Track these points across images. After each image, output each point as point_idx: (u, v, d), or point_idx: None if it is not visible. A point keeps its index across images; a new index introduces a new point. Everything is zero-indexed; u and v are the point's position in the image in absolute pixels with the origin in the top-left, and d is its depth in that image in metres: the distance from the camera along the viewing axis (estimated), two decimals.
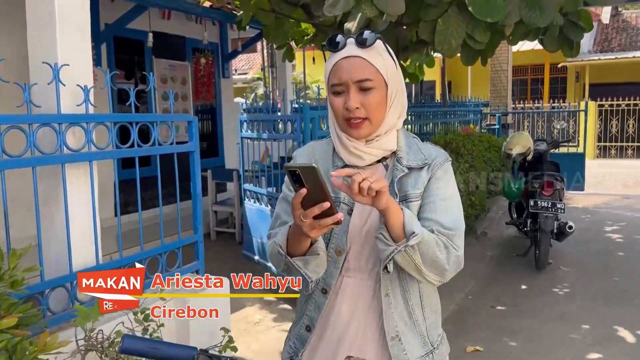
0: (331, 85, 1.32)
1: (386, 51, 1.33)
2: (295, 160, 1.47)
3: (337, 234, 1.36)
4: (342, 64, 1.30)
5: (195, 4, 5.63)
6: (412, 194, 1.33)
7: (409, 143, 1.40)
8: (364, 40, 1.28)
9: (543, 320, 4.13)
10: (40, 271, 2.24)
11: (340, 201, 1.36)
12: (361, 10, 3.45)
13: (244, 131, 4.94)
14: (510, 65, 12.33)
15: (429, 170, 1.35)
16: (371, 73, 1.28)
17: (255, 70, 19.56)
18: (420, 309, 1.38)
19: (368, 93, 1.29)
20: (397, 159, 1.36)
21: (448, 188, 1.36)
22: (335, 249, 1.36)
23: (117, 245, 2.73)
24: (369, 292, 1.35)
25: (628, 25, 19.55)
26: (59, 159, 2.29)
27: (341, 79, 1.29)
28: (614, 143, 15.69)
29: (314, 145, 1.48)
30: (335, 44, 1.31)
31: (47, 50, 2.43)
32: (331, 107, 1.35)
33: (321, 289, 1.38)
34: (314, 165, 1.10)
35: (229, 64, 8.52)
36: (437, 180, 1.35)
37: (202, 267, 3.10)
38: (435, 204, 1.33)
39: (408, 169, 1.34)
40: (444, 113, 7.72)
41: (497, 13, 3.74)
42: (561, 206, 5.18)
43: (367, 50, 1.29)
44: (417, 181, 1.34)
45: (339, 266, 1.36)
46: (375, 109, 1.30)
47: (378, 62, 1.30)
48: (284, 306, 4.38)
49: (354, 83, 1.28)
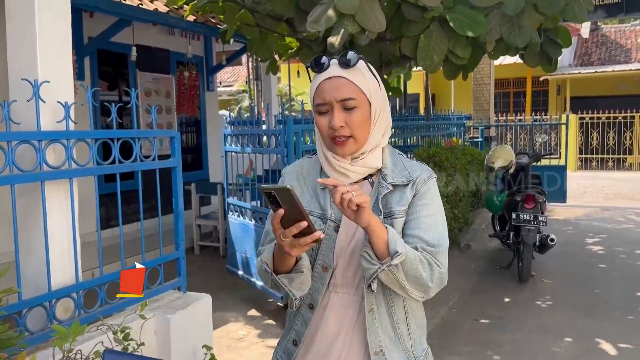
0: (316, 105, 1.35)
1: (369, 71, 1.36)
2: (283, 177, 1.50)
3: (324, 251, 1.37)
4: (325, 85, 1.33)
5: (179, 18, 5.63)
6: (397, 211, 1.35)
7: (395, 160, 1.42)
8: (347, 60, 1.32)
9: (526, 332, 4.15)
10: (18, 291, 2.20)
11: (327, 218, 1.38)
12: (343, 26, 3.49)
13: (228, 145, 4.94)
14: (492, 79, 12.50)
15: (413, 186, 1.37)
16: (354, 92, 1.32)
17: (240, 83, 19.57)
18: (405, 324, 1.39)
19: (352, 112, 1.32)
20: (382, 176, 1.38)
21: (432, 205, 1.38)
22: (322, 265, 1.38)
23: (97, 261, 2.70)
24: (356, 308, 1.37)
25: (607, 40, 19.96)
26: (38, 176, 2.27)
27: (325, 98, 1.32)
28: (595, 155, 15.95)
29: (302, 162, 1.50)
30: (320, 65, 1.35)
31: (27, 66, 2.41)
32: (317, 127, 1.37)
33: (308, 304, 1.40)
34: (288, 187, 1.13)
35: (214, 77, 8.52)
36: (422, 197, 1.37)
37: (184, 283, 3.07)
38: (419, 220, 1.35)
39: (392, 186, 1.37)
40: (427, 126, 7.78)
41: (478, 28, 3.81)
42: (543, 219, 5.24)
43: (350, 70, 1.32)
44: (402, 198, 1.36)
45: (325, 282, 1.38)
46: (359, 127, 1.33)
47: (361, 82, 1.33)
48: (268, 321, 4.36)
49: (338, 102, 1.31)
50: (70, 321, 2.33)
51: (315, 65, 1.36)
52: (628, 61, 17.99)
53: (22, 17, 2.43)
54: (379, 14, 3.57)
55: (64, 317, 2.40)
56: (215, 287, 4.96)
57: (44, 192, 2.32)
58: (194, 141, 8.34)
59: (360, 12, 3.46)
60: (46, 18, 2.44)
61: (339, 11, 3.39)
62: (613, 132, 15.62)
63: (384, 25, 3.57)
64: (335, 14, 3.43)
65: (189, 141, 8.22)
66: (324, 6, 3.51)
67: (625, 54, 18.68)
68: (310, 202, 1.41)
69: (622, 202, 10.35)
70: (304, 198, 1.41)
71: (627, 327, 4.22)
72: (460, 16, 3.87)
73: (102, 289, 2.58)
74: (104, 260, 2.68)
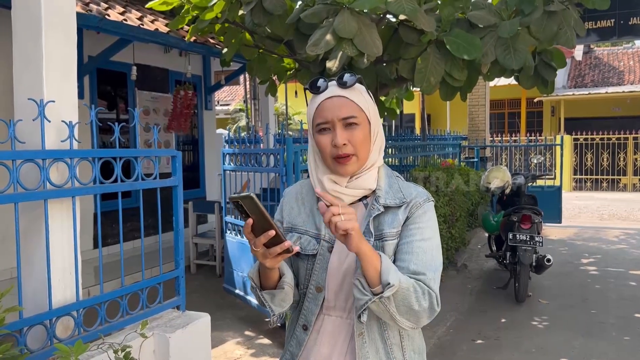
0: (316, 124, 1.35)
1: (365, 91, 1.38)
2: (283, 197, 1.51)
3: (317, 271, 1.37)
4: (326, 104, 1.34)
5: (179, 38, 5.70)
6: (388, 233, 1.34)
7: (390, 182, 1.41)
8: (345, 82, 1.34)
9: (523, 353, 4.15)
10: (22, 309, 2.20)
11: (321, 238, 1.38)
12: (342, 50, 3.56)
13: (227, 164, 4.97)
14: (487, 100, 12.62)
15: (407, 209, 1.35)
16: (355, 110, 1.33)
17: (237, 102, 19.68)
18: (400, 349, 1.36)
19: (353, 129, 1.32)
20: (376, 198, 1.37)
21: (427, 229, 1.35)
22: (315, 285, 1.37)
23: (94, 278, 2.71)
24: (348, 332, 1.35)
25: (600, 62, 20.24)
26: (42, 194, 2.29)
27: (327, 117, 1.33)
28: (589, 176, 16.06)
29: (302, 183, 1.50)
30: (317, 87, 1.36)
31: (32, 85, 2.45)
32: (317, 146, 1.36)
33: (302, 325, 1.39)
34: (251, 195, 1.14)
35: (212, 96, 8.59)
36: (416, 220, 1.35)
37: (184, 302, 3.08)
38: (412, 244, 1.32)
39: (384, 208, 1.35)
40: (423, 146, 7.84)
41: (474, 51, 3.88)
42: (539, 239, 5.27)
43: (349, 90, 1.34)
44: (394, 220, 1.35)
45: (318, 303, 1.37)
46: (362, 144, 1.33)
47: (360, 101, 1.34)
48: (263, 341, 4.34)
49: (340, 120, 1.32)
50: (70, 340, 2.34)
51: (312, 87, 1.37)
52: (621, 83, 18.24)
53: (28, 38, 2.47)
54: (376, 39, 3.65)
55: (64, 336, 2.40)
56: (212, 306, 4.95)
57: (47, 211, 2.34)
58: (191, 159, 8.38)
59: (359, 36, 3.52)
60: (52, 39, 2.49)
61: (338, 35, 3.46)
62: (607, 153, 15.76)
63: (380, 49, 3.64)
64: (334, 37, 3.50)
65: (186, 159, 8.26)
66: (324, 30, 3.58)
67: (618, 76, 18.93)
68: (306, 222, 1.42)
69: (617, 222, 10.40)
70: (300, 217, 1.43)
71: (624, 348, 4.23)
72: (456, 39, 3.95)
73: (102, 307, 2.58)
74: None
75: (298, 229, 1.42)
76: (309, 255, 1.39)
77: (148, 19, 5.74)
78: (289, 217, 1.46)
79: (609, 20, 7.39)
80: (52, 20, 2.49)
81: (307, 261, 1.40)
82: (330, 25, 3.53)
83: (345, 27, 3.43)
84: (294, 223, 1.44)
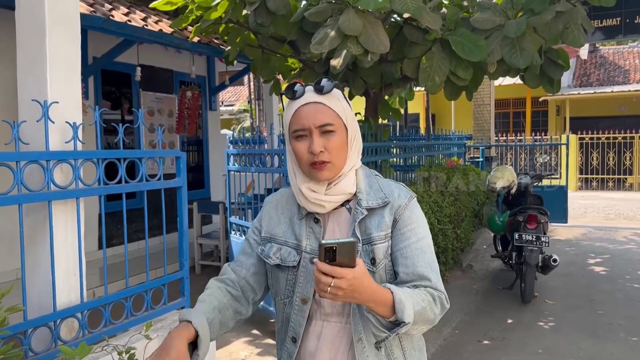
0: (293, 131, 1.34)
1: (343, 97, 1.37)
2: (265, 205, 1.49)
3: (302, 283, 1.36)
4: (303, 110, 1.32)
5: (183, 39, 5.70)
6: (377, 237, 1.33)
7: (370, 182, 1.41)
8: (322, 87, 1.33)
9: (530, 355, 4.12)
10: (24, 310, 2.20)
11: (302, 250, 1.37)
12: (347, 48, 3.54)
13: (231, 164, 4.96)
14: (492, 99, 12.58)
15: (392, 210, 1.35)
16: (332, 117, 1.32)
17: (242, 102, 19.69)
18: (400, 349, 1.36)
19: (330, 136, 1.31)
20: (358, 202, 1.36)
21: (419, 227, 1.37)
22: (300, 297, 1.36)
23: (100, 279, 2.70)
24: (349, 336, 1.34)
25: (605, 61, 20.15)
26: (46, 196, 2.28)
27: (303, 124, 1.31)
28: (595, 175, 15.98)
29: (283, 192, 1.49)
30: (294, 92, 1.35)
31: (36, 87, 2.44)
32: (294, 153, 1.35)
33: (291, 337, 1.38)
34: (354, 240, 1.13)
35: (216, 97, 8.58)
36: (407, 223, 1.35)
37: (188, 303, 3.06)
38: (410, 248, 1.33)
39: (368, 210, 1.35)
40: (428, 146, 7.81)
41: (480, 52, 3.85)
42: (545, 240, 5.23)
43: (326, 96, 1.33)
44: (381, 222, 1.34)
45: (305, 314, 1.36)
46: (338, 152, 1.32)
47: (337, 107, 1.33)
48: (267, 341, 4.33)
49: (317, 128, 1.31)
50: (74, 341, 2.33)
51: (289, 92, 1.35)
52: (626, 82, 18.15)
53: (32, 39, 2.46)
54: (382, 36, 3.62)
55: (68, 338, 2.40)
56: None
57: (51, 212, 2.33)
58: (195, 160, 8.38)
59: (364, 34, 3.51)
60: (56, 39, 2.48)
61: (343, 33, 3.44)
62: (613, 153, 15.68)
63: (387, 46, 3.61)
64: (339, 35, 3.48)
65: (190, 160, 8.26)
66: (328, 28, 3.56)
67: (623, 75, 18.84)
68: (286, 232, 1.41)
69: (623, 222, 10.34)
70: (279, 227, 1.42)
71: (632, 350, 4.19)
72: (461, 39, 3.92)
73: (107, 309, 2.57)
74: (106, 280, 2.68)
75: (277, 239, 1.41)
76: (289, 266, 1.37)
77: (152, 20, 5.74)
78: (267, 227, 1.44)
79: (615, 19, 7.35)
80: (56, 21, 2.48)
81: (287, 272, 1.38)
82: (335, 23, 3.51)
83: (351, 25, 3.41)
84: (273, 233, 1.43)
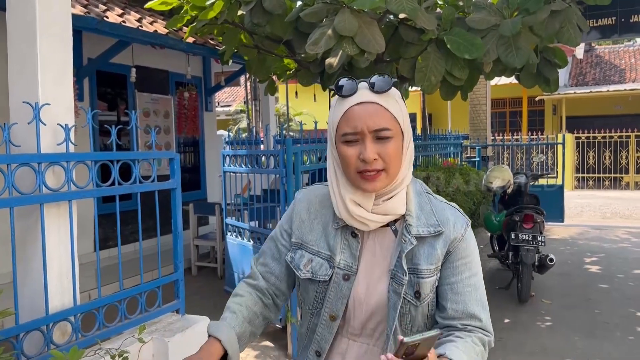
0: (343, 134, 1.18)
1: (400, 98, 1.21)
2: (294, 206, 1.35)
3: (332, 299, 1.25)
4: (356, 111, 1.16)
5: (179, 39, 5.67)
6: (426, 270, 1.20)
7: (421, 203, 1.26)
8: (381, 85, 1.17)
9: (527, 354, 4.11)
10: (15, 314, 2.18)
11: (335, 265, 1.25)
12: (342, 48, 3.52)
13: (227, 165, 4.94)
14: (488, 99, 12.58)
15: (446, 242, 1.21)
16: (389, 121, 1.16)
17: (238, 103, 19.66)
18: None
19: (386, 142, 1.16)
20: (406, 226, 1.22)
21: (473, 262, 1.24)
22: (329, 313, 1.26)
23: (95, 282, 2.68)
24: (375, 358, 1.25)
25: (601, 60, 20.19)
26: (37, 198, 2.26)
27: (356, 127, 1.16)
28: (591, 174, 16.02)
29: (317, 192, 1.34)
30: (346, 89, 1.19)
31: (28, 88, 2.42)
32: (340, 158, 1.20)
33: (315, 351, 1.30)
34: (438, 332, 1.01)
35: (212, 98, 8.56)
36: (462, 255, 1.22)
37: (183, 306, 3.04)
38: (463, 283, 1.21)
39: (417, 239, 1.21)
40: (424, 146, 7.81)
41: (476, 51, 3.84)
42: (542, 239, 5.23)
43: (383, 95, 1.17)
44: (431, 254, 1.21)
45: (332, 331, 1.27)
46: (393, 160, 1.18)
47: (395, 109, 1.18)
48: (266, 343, 4.31)
49: (371, 132, 1.15)
50: (67, 345, 2.31)
51: (340, 88, 1.19)
52: (622, 81, 18.18)
53: (23, 40, 2.44)
54: (378, 36, 3.61)
55: (61, 341, 2.37)
56: (213, 309, 4.90)
57: (43, 215, 2.31)
58: (192, 161, 8.35)
59: (360, 34, 3.49)
60: (47, 41, 2.46)
61: (339, 33, 3.43)
62: (609, 152, 15.71)
63: (383, 46, 3.60)
64: (334, 36, 3.47)
65: (187, 161, 8.24)
66: (324, 28, 3.54)
67: (619, 74, 18.88)
68: (318, 241, 1.28)
69: (619, 221, 10.35)
70: (311, 235, 1.29)
71: (628, 349, 4.19)
72: (457, 38, 3.91)
73: (100, 312, 2.55)
74: (101, 282, 2.66)
75: (308, 247, 1.28)
76: (320, 280, 1.26)
77: (147, 21, 5.71)
78: (299, 232, 1.31)
79: (610, 18, 7.36)
80: (47, 22, 2.46)
81: (317, 285, 1.27)
82: (330, 24, 3.49)
83: (346, 25, 3.40)
84: (305, 240, 1.29)
